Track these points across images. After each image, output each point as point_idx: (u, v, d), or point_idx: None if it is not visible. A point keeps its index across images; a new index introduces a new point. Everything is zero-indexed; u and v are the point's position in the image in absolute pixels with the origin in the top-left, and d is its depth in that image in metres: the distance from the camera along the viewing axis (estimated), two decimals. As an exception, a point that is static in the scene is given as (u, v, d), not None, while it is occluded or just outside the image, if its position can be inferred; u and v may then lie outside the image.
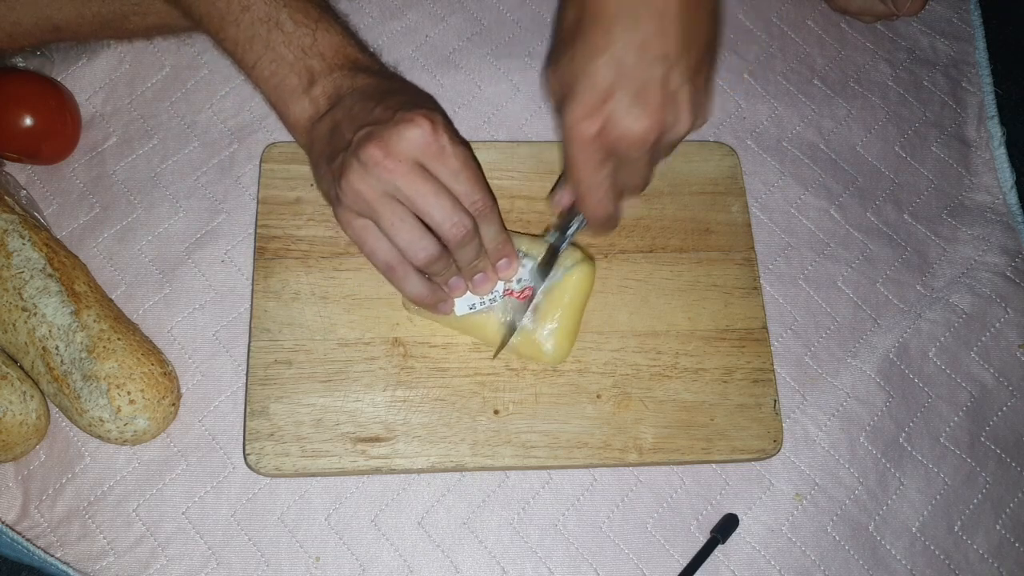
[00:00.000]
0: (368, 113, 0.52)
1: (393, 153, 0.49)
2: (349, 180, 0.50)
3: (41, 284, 0.56)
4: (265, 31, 0.54)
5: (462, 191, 0.51)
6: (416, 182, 0.50)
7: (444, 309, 0.57)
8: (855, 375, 0.63)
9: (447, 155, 0.50)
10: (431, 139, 0.50)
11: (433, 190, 0.50)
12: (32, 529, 0.56)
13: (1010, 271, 0.67)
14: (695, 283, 0.63)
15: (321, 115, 0.54)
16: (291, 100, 0.55)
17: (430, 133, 0.49)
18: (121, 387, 0.55)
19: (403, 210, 0.51)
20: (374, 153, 0.49)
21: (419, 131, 0.49)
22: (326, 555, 0.57)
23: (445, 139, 0.50)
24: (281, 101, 0.55)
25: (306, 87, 0.54)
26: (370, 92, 0.54)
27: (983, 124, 0.73)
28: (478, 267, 0.55)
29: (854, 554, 0.59)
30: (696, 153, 0.67)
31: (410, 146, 0.49)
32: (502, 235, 0.55)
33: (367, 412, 0.58)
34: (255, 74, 0.55)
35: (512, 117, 0.70)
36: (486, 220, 0.53)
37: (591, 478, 0.60)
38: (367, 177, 0.50)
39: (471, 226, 0.52)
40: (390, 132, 0.49)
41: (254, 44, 0.54)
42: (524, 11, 0.75)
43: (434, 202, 0.50)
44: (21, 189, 0.64)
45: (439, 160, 0.50)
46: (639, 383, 0.60)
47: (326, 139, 0.53)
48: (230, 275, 0.63)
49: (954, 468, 0.62)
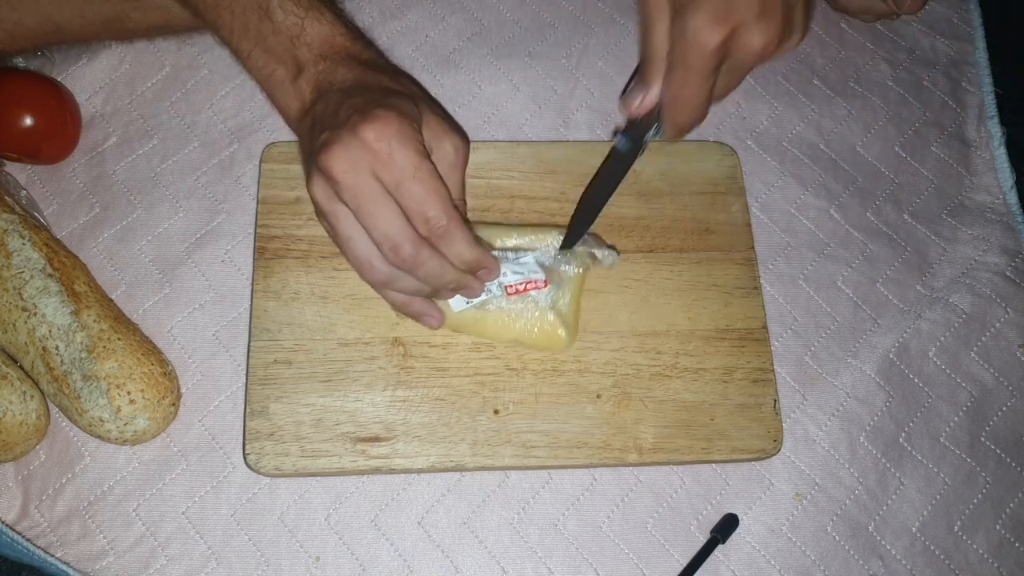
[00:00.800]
0: (335, 115, 0.50)
1: (338, 162, 0.47)
2: (310, 187, 0.49)
3: (41, 284, 0.56)
4: (256, 20, 0.53)
5: (410, 207, 0.48)
6: (358, 197, 0.48)
7: (428, 322, 0.56)
8: (855, 375, 0.63)
9: (393, 166, 0.47)
10: (375, 147, 0.47)
11: (373, 208, 0.48)
12: (32, 529, 0.56)
13: (1010, 271, 0.67)
14: (695, 283, 0.63)
15: (307, 109, 0.53)
16: (280, 92, 0.54)
17: (373, 142, 0.47)
18: (121, 387, 0.55)
19: (354, 223, 0.49)
20: (324, 162, 0.47)
21: (360, 140, 0.47)
22: (326, 555, 0.57)
23: (393, 147, 0.47)
24: (272, 93, 0.55)
25: (293, 78, 0.53)
26: (349, 86, 0.52)
27: (983, 124, 0.73)
28: (448, 284, 0.52)
29: (854, 554, 0.59)
30: (696, 153, 0.67)
31: (356, 155, 0.47)
32: (469, 251, 0.51)
33: (367, 412, 0.58)
34: (249, 65, 0.54)
35: (512, 117, 0.70)
36: (443, 240, 0.50)
37: (591, 478, 0.60)
38: (323, 186, 0.48)
39: (411, 252, 0.49)
40: (340, 139, 0.47)
41: (247, 33, 0.53)
42: (524, 11, 0.75)
43: (373, 222, 0.48)
44: (21, 189, 0.64)
45: (385, 171, 0.47)
46: (639, 383, 0.60)
47: (307, 137, 0.52)
48: (230, 275, 0.63)
49: (954, 468, 0.62)
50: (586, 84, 0.72)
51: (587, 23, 0.74)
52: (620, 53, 0.73)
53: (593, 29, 0.74)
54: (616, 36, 0.74)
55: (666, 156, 0.67)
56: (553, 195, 0.64)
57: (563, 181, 0.65)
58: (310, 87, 0.53)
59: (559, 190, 0.65)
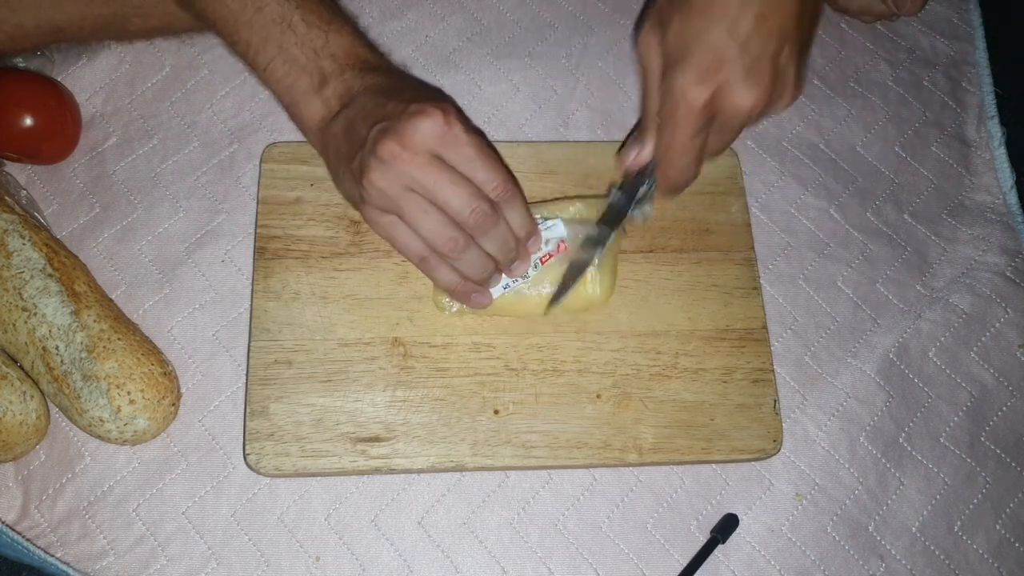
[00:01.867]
0: (381, 109, 0.52)
1: (409, 146, 0.50)
2: (370, 178, 0.51)
3: (41, 284, 0.56)
4: (278, 32, 0.54)
5: (480, 178, 0.52)
6: (433, 173, 0.50)
7: (478, 301, 0.57)
8: (855, 375, 0.63)
9: (461, 143, 0.51)
10: (444, 129, 0.50)
11: (450, 180, 0.51)
12: (32, 529, 0.56)
13: (1010, 271, 0.67)
14: (695, 283, 0.63)
15: (334, 115, 0.54)
16: (303, 101, 0.55)
17: (442, 123, 0.50)
18: (121, 387, 0.55)
19: (425, 202, 0.51)
20: (391, 147, 0.50)
21: (431, 122, 0.49)
22: (326, 555, 0.57)
23: (459, 128, 0.50)
24: (293, 103, 0.56)
25: (318, 88, 0.55)
26: (382, 89, 0.54)
27: (983, 124, 0.73)
28: (510, 253, 0.55)
29: (854, 554, 0.59)
30: (696, 153, 0.67)
31: (425, 137, 0.50)
32: (526, 216, 0.55)
33: (367, 412, 0.58)
34: (267, 75, 0.56)
35: (512, 117, 0.70)
36: (508, 204, 0.53)
37: (591, 478, 0.60)
38: (387, 173, 0.50)
39: (489, 212, 0.52)
40: (404, 125, 0.50)
41: (267, 45, 0.55)
42: (524, 11, 0.75)
43: (451, 191, 0.51)
44: (21, 189, 0.64)
45: (454, 149, 0.51)
46: (639, 383, 0.60)
47: (342, 139, 0.53)
48: (230, 275, 0.63)
49: (954, 468, 0.62)
50: (586, 84, 0.72)
51: (587, 23, 0.74)
52: (620, 53, 0.73)
53: (593, 29, 0.74)
54: (616, 36, 0.74)
55: (666, 156, 0.67)
56: (553, 195, 0.64)
57: (563, 181, 0.65)
58: (336, 95, 0.54)
59: (559, 190, 0.65)
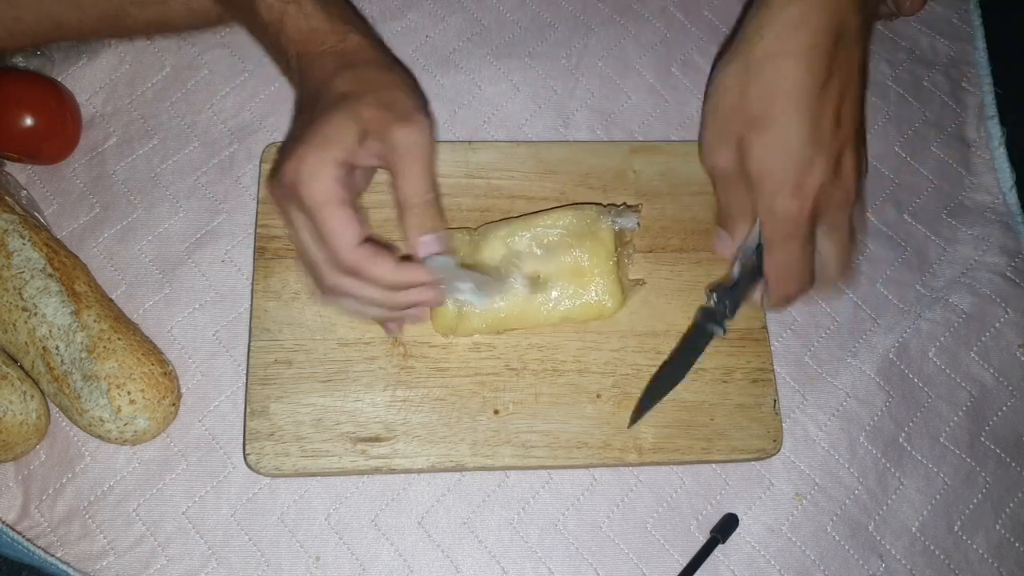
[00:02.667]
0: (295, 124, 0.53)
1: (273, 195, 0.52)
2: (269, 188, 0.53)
3: (41, 284, 0.56)
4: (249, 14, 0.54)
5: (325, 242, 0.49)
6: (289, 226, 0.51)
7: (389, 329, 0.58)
8: (855, 375, 0.63)
9: (303, 203, 0.49)
10: (291, 187, 0.49)
11: (299, 238, 0.51)
12: (32, 529, 0.56)
13: (1010, 271, 0.67)
14: (695, 283, 0.63)
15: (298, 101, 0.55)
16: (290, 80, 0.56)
17: (289, 182, 0.49)
18: (121, 387, 0.55)
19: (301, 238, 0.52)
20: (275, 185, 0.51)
21: (282, 177, 0.49)
22: (326, 555, 0.57)
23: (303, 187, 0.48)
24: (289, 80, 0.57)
25: (287, 70, 0.55)
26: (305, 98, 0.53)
27: (983, 124, 0.73)
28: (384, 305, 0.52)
29: (854, 554, 0.59)
30: (696, 153, 0.67)
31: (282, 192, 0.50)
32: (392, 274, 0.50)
33: (367, 412, 0.58)
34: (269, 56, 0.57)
35: (512, 117, 0.70)
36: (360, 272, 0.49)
37: (591, 478, 0.60)
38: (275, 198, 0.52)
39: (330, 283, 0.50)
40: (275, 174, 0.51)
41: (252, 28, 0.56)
42: (524, 11, 0.75)
43: (301, 250, 0.51)
44: (21, 189, 0.64)
45: (302, 207, 0.49)
46: (639, 383, 0.60)
47: None
48: (230, 275, 0.63)
49: (954, 468, 0.62)
50: (586, 84, 0.72)
51: (587, 23, 0.74)
52: (620, 53, 0.73)
53: (593, 29, 0.74)
54: (616, 36, 0.74)
55: (666, 156, 0.67)
56: (553, 195, 0.64)
57: (563, 181, 0.65)
58: (297, 83, 0.55)
59: (559, 190, 0.65)
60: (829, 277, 0.56)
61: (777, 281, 0.55)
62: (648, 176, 0.66)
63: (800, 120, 0.50)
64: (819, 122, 0.50)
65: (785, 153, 0.51)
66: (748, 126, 0.52)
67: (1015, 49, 0.78)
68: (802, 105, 0.50)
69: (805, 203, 0.51)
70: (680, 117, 0.71)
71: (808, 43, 0.50)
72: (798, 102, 0.50)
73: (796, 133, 0.50)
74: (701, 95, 0.72)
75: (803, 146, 0.50)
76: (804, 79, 0.50)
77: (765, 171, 0.52)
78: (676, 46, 0.74)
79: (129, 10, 0.61)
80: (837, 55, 0.51)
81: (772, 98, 0.51)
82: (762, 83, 0.51)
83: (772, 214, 0.52)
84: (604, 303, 0.59)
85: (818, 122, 0.50)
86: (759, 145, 0.51)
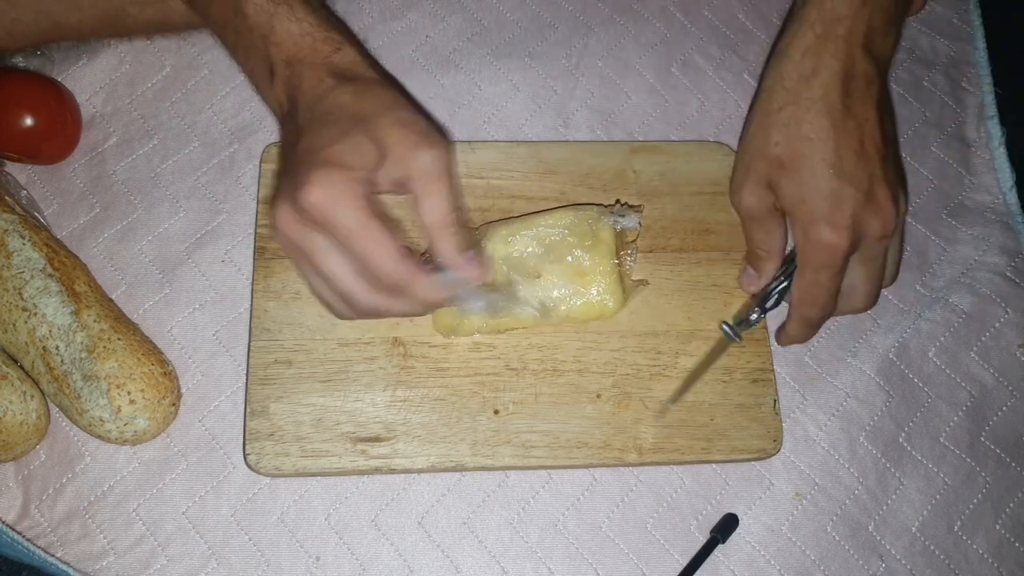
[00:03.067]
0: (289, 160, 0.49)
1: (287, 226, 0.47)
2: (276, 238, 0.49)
3: (41, 284, 0.56)
4: (232, 15, 0.51)
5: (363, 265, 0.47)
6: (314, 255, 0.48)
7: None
8: (855, 375, 0.63)
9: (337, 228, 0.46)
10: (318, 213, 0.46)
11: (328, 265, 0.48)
12: (32, 529, 0.56)
13: (1010, 271, 0.67)
14: (695, 283, 0.63)
15: (284, 115, 0.52)
16: (263, 91, 0.53)
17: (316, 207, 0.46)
18: (121, 387, 0.55)
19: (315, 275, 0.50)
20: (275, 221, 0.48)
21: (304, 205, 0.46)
22: (326, 555, 0.57)
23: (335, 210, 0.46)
24: (257, 90, 0.53)
25: (270, 79, 0.51)
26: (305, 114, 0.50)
27: (983, 124, 0.73)
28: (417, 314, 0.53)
29: (854, 554, 0.59)
30: (696, 153, 0.67)
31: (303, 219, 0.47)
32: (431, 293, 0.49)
33: (367, 412, 0.58)
34: (235, 60, 0.53)
35: (512, 117, 0.70)
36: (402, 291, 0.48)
37: (591, 478, 0.60)
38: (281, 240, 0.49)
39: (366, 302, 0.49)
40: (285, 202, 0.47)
41: (227, 28, 0.53)
42: (524, 11, 0.75)
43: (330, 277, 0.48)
44: (21, 189, 0.64)
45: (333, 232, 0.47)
46: (639, 383, 0.60)
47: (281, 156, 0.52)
48: (230, 275, 0.63)
49: (954, 468, 0.62)
50: (586, 84, 0.72)
51: (587, 23, 0.74)
52: (620, 53, 0.73)
53: (593, 29, 0.74)
54: (616, 36, 0.74)
55: (666, 156, 0.67)
56: (553, 195, 0.64)
57: (563, 181, 0.65)
58: (283, 93, 0.51)
59: (559, 190, 0.65)
60: (854, 306, 0.58)
61: (802, 304, 0.57)
62: (648, 176, 0.66)
63: (823, 157, 0.54)
64: (841, 155, 0.54)
65: (814, 187, 0.54)
66: (775, 168, 0.56)
67: (1015, 49, 0.78)
68: (823, 144, 0.54)
69: (841, 233, 0.53)
70: (680, 117, 0.71)
71: (821, 91, 0.54)
72: (820, 142, 0.54)
73: (821, 168, 0.54)
74: (701, 95, 0.72)
75: (829, 179, 0.53)
76: (821, 122, 0.54)
77: (798, 204, 0.55)
78: (676, 46, 0.74)
79: (129, 10, 0.61)
80: (851, 97, 0.54)
81: (795, 142, 0.55)
82: (784, 129, 0.55)
83: (808, 242, 0.55)
84: (605, 303, 0.59)
85: (840, 156, 0.54)
86: (788, 183, 0.55)
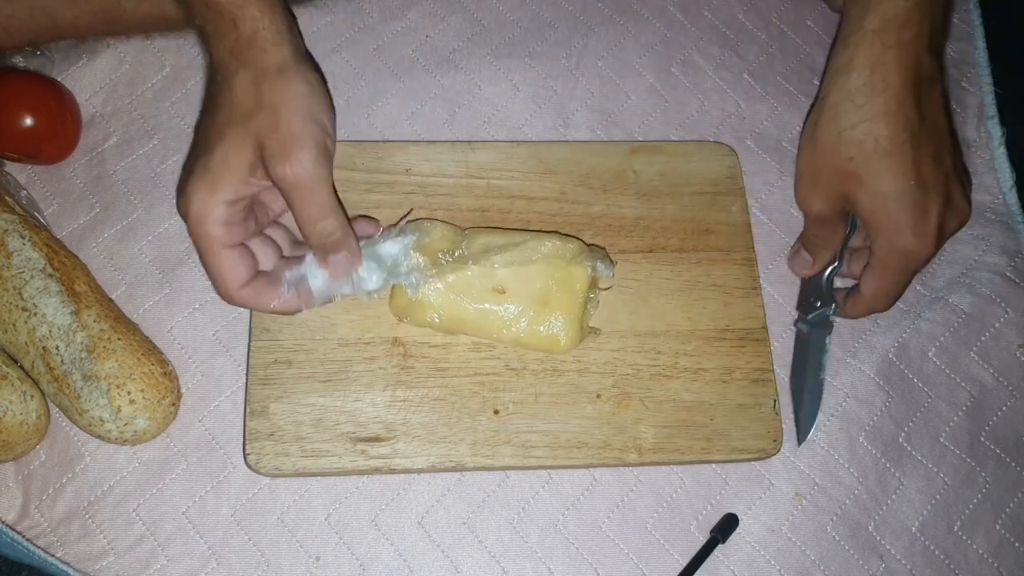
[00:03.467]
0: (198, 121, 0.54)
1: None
2: None
3: (41, 284, 0.56)
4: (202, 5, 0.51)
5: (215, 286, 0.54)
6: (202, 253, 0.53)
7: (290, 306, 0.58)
8: (855, 375, 0.63)
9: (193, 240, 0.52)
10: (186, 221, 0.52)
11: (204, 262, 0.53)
12: (32, 529, 0.56)
13: (1010, 271, 0.67)
14: (695, 283, 0.63)
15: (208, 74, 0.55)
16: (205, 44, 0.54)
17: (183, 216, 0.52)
18: (121, 387, 0.55)
19: None
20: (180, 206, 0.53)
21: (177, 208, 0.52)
22: (326, 555, 0.57)
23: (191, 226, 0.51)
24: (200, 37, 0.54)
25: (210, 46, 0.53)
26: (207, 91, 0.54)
27: (983, 124, 0.73)
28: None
29: (854, 554, 0.59)
30: (696, 153, 0.67)
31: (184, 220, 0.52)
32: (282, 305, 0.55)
33: (367, 412, 0.58)
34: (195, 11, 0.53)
35: (512, 117, 0.70)
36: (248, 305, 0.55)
37: (591, 478, 0.60)
38: None
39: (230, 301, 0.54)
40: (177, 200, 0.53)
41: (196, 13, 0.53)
42: (524, 11, 0.75)
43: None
44: (21, 189, 0.64)
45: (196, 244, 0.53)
46: (639, 383, 0.60)
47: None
48: (230, 275, 0.63)
49: (954, 468, 0.62)
50: (586, 84, 0.72)
51: (587, 23, 0.74)
52: (620, 53, 0.73)
53: (593, 29, 0.74)
54: (616, 36, 0.74)
55: (666, 156, 0.67)
56: (553, 195, 0.64)
57: (563, 181, 0.65)
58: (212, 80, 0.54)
59: (559, 190, 0.65)
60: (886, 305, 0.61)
61: (876, 300, 0.60)
62: (648, 176, 0.66)
63: (903, 171, 0.54)
64: (920, 165, 0.54)
65: (897, 199, 0.54)
66: (851, 183, 0.56)
67: (1015, 49, 0.78)
68: (902, 157, 0.54)
69: (928, 240, 0.55)
70: (680, 117, 0.71)
71: (895, 105, 0.54)
72: (899, 156, 0.54)
73: (902, 181, 0.54)
74: (701, 95, 0.72)
75: (912, 190, 0.54)
76: (899, 137, 0.54)
77: (880, 215, 0.55)
78: (676, 46, 0.74)
79: (124, 4, 0.61)
80: (922, 103, 0.54)
81: (872, 158, 0.54)
82: (859, 147, 0.55)
83: (892, 249, 0.56)
84: (558, 338, 0.58)
85: (919, 166, 0.54)
86: (867, 197, 0.55)
